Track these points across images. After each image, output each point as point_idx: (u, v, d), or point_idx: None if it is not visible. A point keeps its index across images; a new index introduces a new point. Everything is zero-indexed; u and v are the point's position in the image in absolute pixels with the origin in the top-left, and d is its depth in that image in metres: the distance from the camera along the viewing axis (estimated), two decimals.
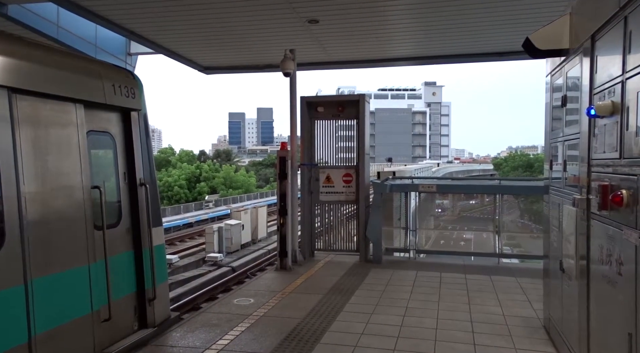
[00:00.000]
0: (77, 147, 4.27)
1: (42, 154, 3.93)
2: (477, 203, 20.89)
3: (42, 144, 3.93)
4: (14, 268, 3.52)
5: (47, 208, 3.92)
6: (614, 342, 2.94)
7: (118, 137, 4.98)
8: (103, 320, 4.39)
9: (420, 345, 4.70)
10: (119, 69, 5.20)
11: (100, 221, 4.41)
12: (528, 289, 6.69)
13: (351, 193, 8.99)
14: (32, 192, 3.75)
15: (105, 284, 4.44)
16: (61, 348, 3.96)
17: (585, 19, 3.68)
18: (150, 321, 5.07)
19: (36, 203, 3.78)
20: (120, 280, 4.79)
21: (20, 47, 3.92)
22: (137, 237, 5.05)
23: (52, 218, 3.96)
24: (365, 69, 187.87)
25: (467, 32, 8.46)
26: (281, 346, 4.66)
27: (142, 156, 5.19)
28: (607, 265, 3.04)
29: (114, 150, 4.96)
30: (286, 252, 8.03)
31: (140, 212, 5.08)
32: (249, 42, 9.15)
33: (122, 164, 5.03)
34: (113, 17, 7.81)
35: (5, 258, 3.44)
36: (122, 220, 4.95)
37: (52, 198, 4.01)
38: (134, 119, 5.11)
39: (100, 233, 4.41)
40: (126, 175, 5.07)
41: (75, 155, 4.25)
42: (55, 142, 4.07)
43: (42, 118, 3.97)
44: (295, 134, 8.72)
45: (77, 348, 4.14)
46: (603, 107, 2.99)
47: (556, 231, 4.50)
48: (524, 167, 75.50)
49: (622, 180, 2.79)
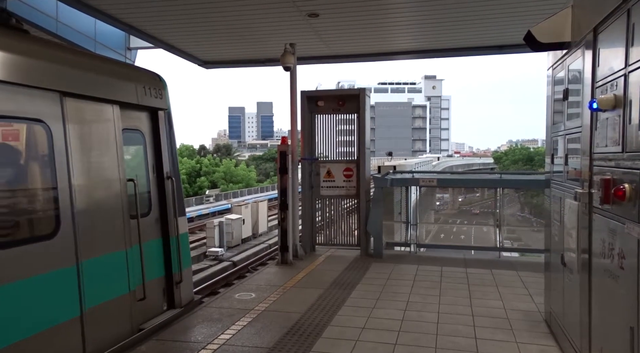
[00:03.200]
0: (115, 144, 4.79)
1: (86, 150, 4.41)
2: (477, 197, 20.92)
3: (86, 141, 4.42)
4: (67, 251, 4.04)
5: (91, 199, 4.41)
6: (616, 336, 2.94)
7: (147, 134, 5.49)
8: (139, 299, 4.93)
9: (421, 339, 4.71)
10: (147, 72, 5.64)
11: (134, 211, 4.94)
12: (529, 283, 6.70)
13: (352, 187, 8.99)
14: (80, 185, 4.22)
15: (140, 267, 4.96)
16: (106, 322, 4.46)
17: (587, 12, 3.66)
18: (177, 302, 5.60)
19: (83, 194, 4.25)
20: (152, 264, 5.28)
21: (69, 55, 4.50)
22: (165, 225, 5.56)
23: (96, 208, 4.47)
24: (365, 63, 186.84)
25: (467, 25, 8.42)
26: (283, 340, 4.67)
27: (168, 151, 5.70)
28: (609, 259, 3.04)
29: (144, 146, 5.47)
30: (287, 246, 8.03)
31: (167, 202, 5.60)
32: (249, 36, 9.11)
33: (151, 158, 5.54)
34: (112, 12, 7.77)
35: (61, 243, 3.96)
36: (152, 210, 5.45)
37: (95, 190, 4.51)
38: (160, 117, 5.62)
39: (134, 222, 4.94)
40: (154, 169, 5.57)
41: (113, 151, 4.76)
42: (97, 139, 4.60)
43: (86, 118, 4.47)
44: (296, 128, 8.70)
45: (118, 323, 4.64)
46: (605, 100, 2.97)
47: (557, 225, 4.50)
48: (524, 160, 75.48)
49: (624, 173, 2.78)
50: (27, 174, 4.13)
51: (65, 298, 4.00)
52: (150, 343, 4.64)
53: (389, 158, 52.44)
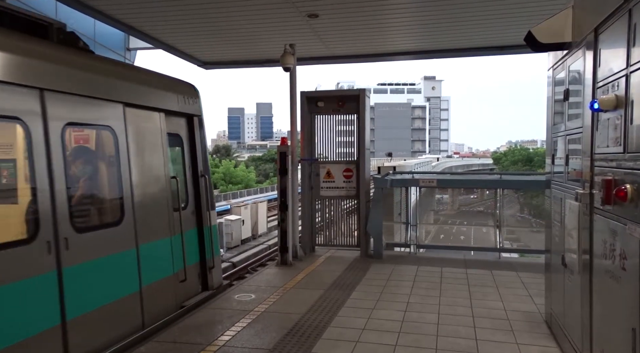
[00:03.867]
0: (161, 146, 5.63)
1: (141, 151, 5.24)
2: (476, 198, 20.89)
3: (141, 143, 5.25)
4: (130, 236, 4.91)
5: (145, 193, 5.26)
6: (618, 337, 2.93)
7: (184, 137, 6.36)
8: (180, 280, 5.80)
9: (421, 340, 4.70)
10: (185, 83, 6.48)
11: (176, 204, 5.83)
12: (529, 284, 6.69)
13: (352, 188, 8.98)
14: (137, 181, 5.08)
15: (181, 253, 5.83)
16: (157, 298, 5.32)
17: (588, 12, 3.65)
18: (210, 285, 6.51)
19: (139, 189, 5.12)
20: (190, 251, 6.12)
21: (128, 71, 5.57)
22: (199, 217, 6.41)
23: (148, 201, 5.32)
24: (364, 64, 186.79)
25: (467, 25, 8.42)
26: (283, 341, 4.66)
27: (201, 152, 6.51)
28: (610, 259, 3.03)
29: (182, 148, 6.32)
30: (287, 247, 8.02)
31: (201, 197, 6.47)
32: (248, 37, 9.10)
33: (187, 159, 6.38)
34: (112, 12, 7.77)
35: (125, 229, 4.87)
36: (189, 203, 6.28)
37: (148, 185, 5.35)
38: (195, 122, 6.48)
39: (177, 214, 5.82)
40: (190, 168, 6.40)
41: (160, 152, 5.60)
42: (148, 142, 5.45)
43: (141, 124, 5.31)
44: (296, 129, 8.69)
45: (166, 299, 5.54)
46: (607, 100, 2.96)
47: (558, 226, 4.48)
48: (524, 161, 75.37)
49: (626, 174, 2.77)
50: (100, 171, 5.01)
51: (130, 275, 4.92)
52: (150, 344, 4.62)
53: (389, 159, 52.41)
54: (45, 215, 3.92)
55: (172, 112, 5.97)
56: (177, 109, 6.07)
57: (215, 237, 6.66)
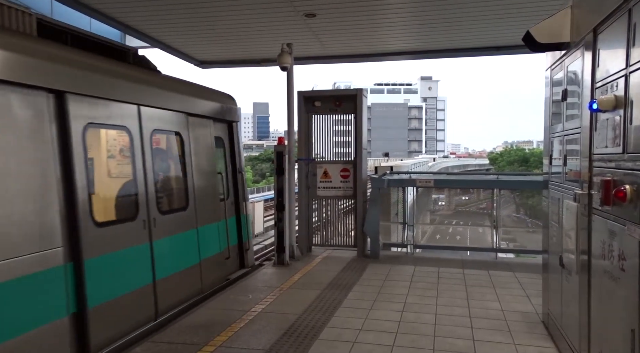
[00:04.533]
0: (211, 147, 6.97)
1: (198, 151, 6.53)
2: (472, 198, 20.93)
3: (198, 145, 6.54)
4: (192, 219, 6.26)
5: (202, 186, 6.54)
6: (617, 338, 2.92)
7: (226, 139, 7.67)
8: (226, 257, 7.18)
9: (419, 340, 4.68)
10: (226, 94, 7.80)
11: (222, 195, 7.21)
12: (526, 284, 6.69)
13: (349, 188, 8.96)
14: (197, 176, 6.40)
15: (225, 236, 7.18)
16: (210, 270, 6.66)
17: (587, 12, 3.64)
18: (246, 263, 7.88)
19: (198, 183, 6.42)
20: (232, 234, 7.47)
21: (189, 88, 6.69)
22: (237, 207, 7.77)
23: (203, 192, 6.58)
24: (361, 64, 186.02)
25: (464, 25, 8.41)
26: (279, 342, 4.63)
27: (238, 153, 7.87)
28: (609, 260, 3.02)
29: (224, 149, 7.60)
30: (284, 247, 7.99)
31: (239, 190, 7.86)
32: (245, 36, 9.07)
33: (228, 157, 7.71)
34: (108, 11, 7.72)
35: (190, 213, 6.21)
36: (230, 195, 7.59)
37: (203, 180, 6.62)
38: (234, 127, 7.86)
39: (222, 203, 7.21)
40: (230, 165, 7.72)
41: (210, 152, 6.92)
42: (202, 144, 6.70)
43: (198, 130, 6.59)
44: (293, 129, 8.66)
45: (217, 272, 6.89)
46: (606, 101, 2.95)
47: (556, 226, 4.48)
48: (520, 161, 75.49)
49: (625, 175, 2.76)
50: (173, 167, 6.29)
51: (193, 250, 6.26)
52: (146, 345, 4.59)
53: (386, 159, 52.38)
54: (142, 200, 5.29)
55: (218, 119, 7.30)
56: (221, 116, 7.39)
57: (249, 224, 8.07)
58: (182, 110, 6.18)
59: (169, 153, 6.28)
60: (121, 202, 5.25)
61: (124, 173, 5.37)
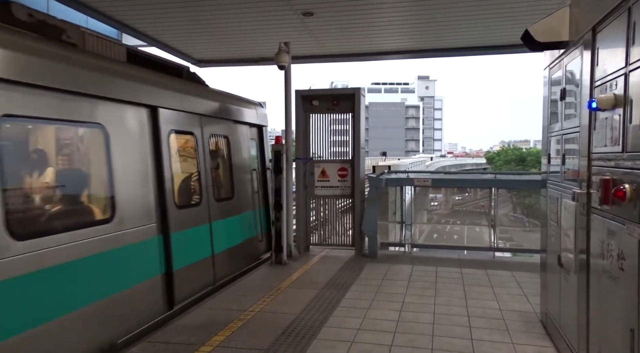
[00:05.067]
0: (247, 148, 8.19)
1: (239, 151, 7.86)
2: (466, 198, 20.94)
3: (239, 146, 7.88)
4: (237, 207, 7.62)
5: (242, 180, 7.84)
6: (615, 338, 2.92)
7: (256, 141, 8.94)
8: (259, 241, 8.49)
9: (417, 340, 4.67)
10: (257, 102, 9.01)
11: (256, 189, 8.47)
12: (524, 283, 6.69)
13: (346, 187, 8.95)
14: (238, 171, 7.72)
15: (259, 222, 8.49)
16: (248, 249, 8.01)
17: (586, 11, 3.63)
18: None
19: (239, 176, 7.75)
20: (263, 222, 8.75)
21: (230, 99, 7.89)
22: (266, 199, 8.93)
23: (244, 185, 7.90)
24: (358, 64, 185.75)
25: (461, 25, 8.41)
26: (277, 342, 4.62)
27: (266, 153, 9.06)
28: (607, 260, 3.02)
29: (256, 149, 8.89)
30: (281, 246, 7.97)
31: (267, 185, 8.88)
32: (243, 35, 9.05)
33: (259, 157, 8.97)
34: (104, 9, 7.70)
35: (235, 202, 7.61)
36: (260, 189, 8.76)
37: (243, 175, 7.92)
38: (263, 130, 9.15)
39: (256, 195, 8.45)
40: (260, 163, 8.97)
41: (247, 151, 8.16)
42: (242, 145, 8.00)
43: (238, 133, 7.89)
44: (290, 128, 8.65)
45: (253, 251, 8.20)
46: (605, 100, 2.94)
47: (554, 225, 4.47)
48: (517, 161, 75.64)
49: (624, 174, 2.75)
50: (223, 163, 7.44)
51: (237, 232, 7.60)
52: (142, 345, 4.57)
53: (383, 158, 52.35)
54: (204, 190, 6.64)
55: (252, 124, 8.53)
56: (254, 121, 8.61)
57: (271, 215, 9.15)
58: (228, 118, 7.55)
59: (220, 153, 7.49)
60: (192, 191, 6.60)
61: (192, 168, 6.65)
